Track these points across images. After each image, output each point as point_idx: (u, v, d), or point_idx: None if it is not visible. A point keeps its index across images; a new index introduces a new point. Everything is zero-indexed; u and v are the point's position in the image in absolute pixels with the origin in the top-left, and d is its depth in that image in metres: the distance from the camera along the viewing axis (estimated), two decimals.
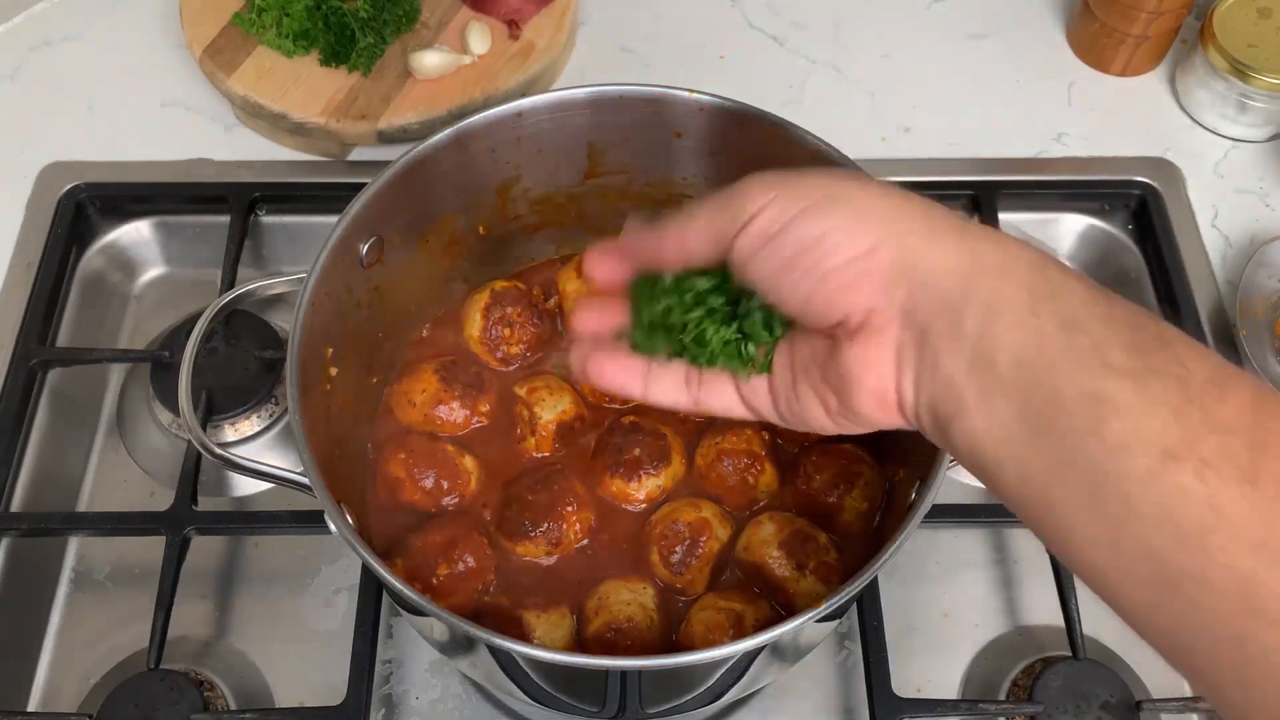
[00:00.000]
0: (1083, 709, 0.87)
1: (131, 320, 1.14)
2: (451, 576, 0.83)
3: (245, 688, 0.92)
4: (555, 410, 0.91)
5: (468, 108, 1.13)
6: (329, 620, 0.96)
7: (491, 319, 0.96)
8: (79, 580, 0.98)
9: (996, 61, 1.28)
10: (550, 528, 0.86)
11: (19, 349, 1.02)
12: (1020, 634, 0.97)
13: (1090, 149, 1.20)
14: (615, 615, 0.82)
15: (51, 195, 1.12)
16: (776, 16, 1.31)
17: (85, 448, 1.05)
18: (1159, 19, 1.18)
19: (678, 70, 1.25)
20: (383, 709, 0.92)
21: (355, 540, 0.72)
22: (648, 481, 0.89)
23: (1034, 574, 0.98)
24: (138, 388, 1.07)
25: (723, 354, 0.62)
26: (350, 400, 0.88)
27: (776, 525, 0.85)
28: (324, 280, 0.82)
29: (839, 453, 0.89)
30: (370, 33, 1.16)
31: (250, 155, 1.16)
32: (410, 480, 0.88)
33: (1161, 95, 1.26)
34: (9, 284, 1.07)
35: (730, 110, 0.88)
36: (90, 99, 1.21)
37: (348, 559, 0.98)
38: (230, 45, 1.17)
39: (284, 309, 1.10)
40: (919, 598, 0.98)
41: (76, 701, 0.92)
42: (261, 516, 0.98)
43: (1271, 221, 1.16)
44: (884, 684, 0.86)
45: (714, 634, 0.80)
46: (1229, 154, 1.21)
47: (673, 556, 0.85)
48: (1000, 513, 0.98)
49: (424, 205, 0.91)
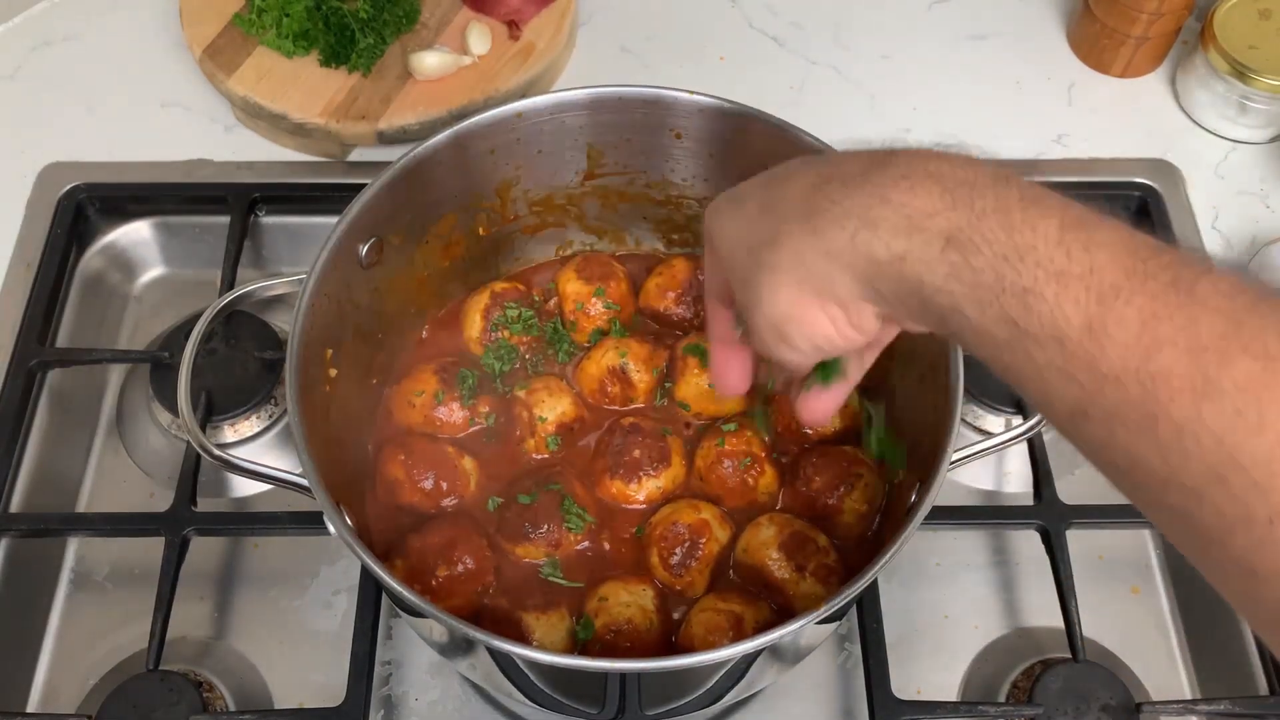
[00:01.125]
0: (1082, 711, 0.86)
1: (131, 321, 1.14)
2: (451, 578, 0.83)
3: (244, 689, 0.92)
4: (555, 412, 0.91)
5: (468, 108, 1.13)
6: (328, 621, 0.96)
7: (491, 320, 0.96)
8: (79, 581, 0.98)
9: (996, 62, 1.28)
10: (550, 529, 0.86)
11: (19, 349, 1.02)
12: (1020, 636, 0.97)
13: (1090, 150, 1.20)
14: (615, 617, 0.82)
15: (51, 195, 1.12)
16: (776, 17, 1.31)
17: (85, 448, 1.05)
18: (1159, 20, 1.18)
19: (678, 71, 1.25)
20: (382, 710, 0.92)
21: (354, 542, 0.72)
22: (647, 483, 0.89)
23: (1034, 576, 0.98)
24: (137, 388, 1.07)
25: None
26: (350, 401, 0.88)
27: (776, 527, 0.85)
28: (324, 281, 0.82)
29: (839, 454, 0.89)
30: (370, 33, 1.16)
31: (250, 155, 1.16)
32: (410, 481, 0.88)
33: (1162, 96, 1.25)
34: (9, 284, 1.07)
35: (730, 111, 0.88)
36: (90, 99, 1.21)
37: (347, 560, 0.98)
38: (230, 45, 1.17)
39: (284, 309, 1.10)
40: (919, 599, 0.97)
41: (76, 702, 0.92)
42: (261, 517, 0.98)
43: (1272, 223, 1.16)
44: (884, 685, 0.86)
45: (713, 636, 0.80)
46: (1229, 155, 1.21)
47: (672, 558, 0.85)
48: (1000, 514, 0.98)
49: (424, 205, 0.91)
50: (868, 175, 0.53)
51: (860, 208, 0.52)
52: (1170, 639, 0.97)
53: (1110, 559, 1.00)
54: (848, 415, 0.92)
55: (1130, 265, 0.47)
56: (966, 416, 1.03)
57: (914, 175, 0.52)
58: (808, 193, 0.55)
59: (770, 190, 0.58)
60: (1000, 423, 1.02)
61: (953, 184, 0.51)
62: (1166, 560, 1.00)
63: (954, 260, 0.50)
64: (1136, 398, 0.45)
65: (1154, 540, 1.01)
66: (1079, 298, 0.47)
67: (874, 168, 0.53)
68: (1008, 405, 1.02)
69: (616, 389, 0.94)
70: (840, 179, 0.54)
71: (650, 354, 0.94)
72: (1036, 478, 0.96)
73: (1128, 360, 0.45)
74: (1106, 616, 0.96)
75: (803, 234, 0.55)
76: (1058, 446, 1.00)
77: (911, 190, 0.51)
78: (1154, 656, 0.96)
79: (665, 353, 0.95)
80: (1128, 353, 0.45)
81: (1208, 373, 0.43)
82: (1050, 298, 0.47)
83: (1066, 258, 0.47)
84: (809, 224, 0.54)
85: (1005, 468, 1.03)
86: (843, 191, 0.53)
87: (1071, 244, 0.48)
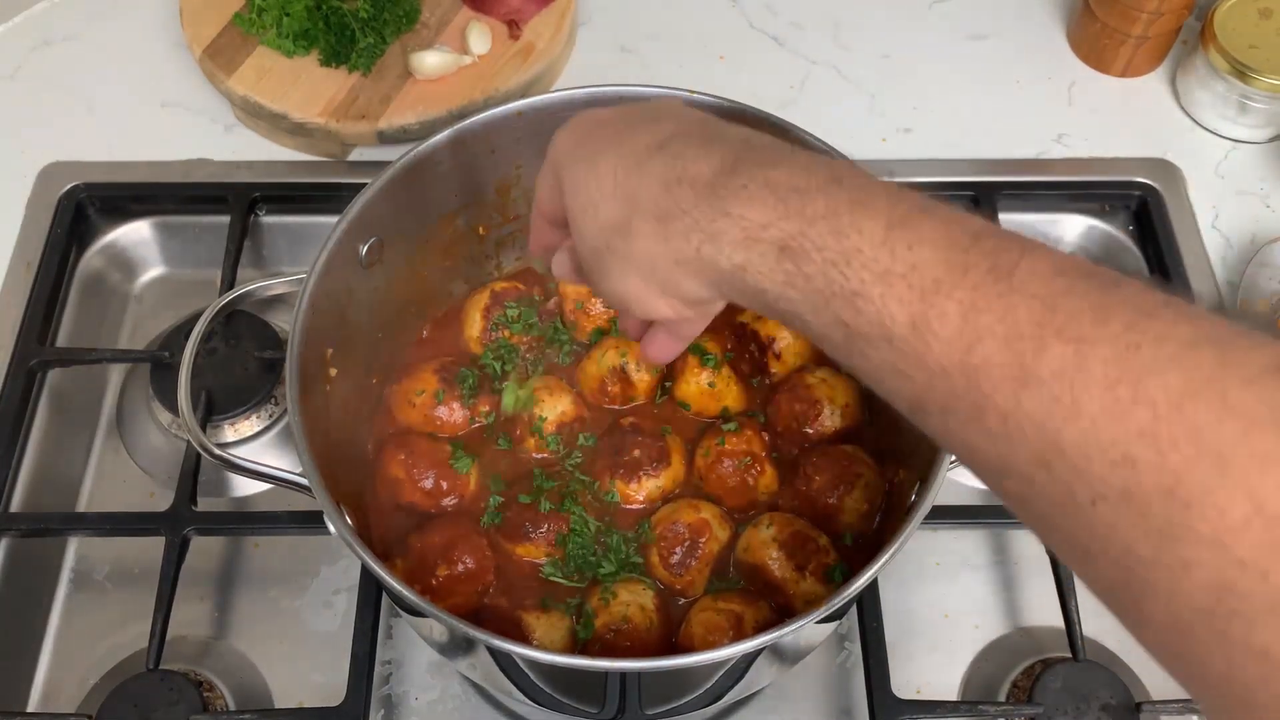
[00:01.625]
0: (1082, 710, 0.86)
1: (131, 320, 1.14)
2: (451, 577, 0.83)
3: (244, 688, 0.92)
4: (555, 411, 0.91)
5: (468, 108, 1.13)
6: (328, 621, 0.96)
7: (492, 319, 0.96)
8: (79, 580, 0.98)
9: (996, 62, 1.28)
10: (550, 529, 0.86)
11: (19, 349, 1.02)
12: (1020, 635, 0.96)
13: (1091, 150, 1.20)
14: (614, 616, 0.82)
15: (51, 195, 1.12)
16: (776, 16, 1.31)
17: (85, 448, 1.05)
18: (1160, 20, 1.18)
19: (678, 70, 1.25)
20: (382, 710, 0.92)
21: (354, 541, 0.72)
22: (648, 482, 0.89)
23: (1034, 575, 0.98)
24: (138, 388, 1.07)
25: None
26: (350, 401, 0.88)
27: (777, 526, 0.85)
28: (324, 280, 0.82)
29: (839, 454, 0.89)
30: (370, 33, 1.16)
31: (250, 155, 1.16)
32: (410, 481, 0.88)
33: (1162, 96, 1.25)
34: (9, 284, 1.07)
35: (730, 110, 0.88)
36: (90, 99, 1.21)
37: (347, 560, 0.98)
38: (230, 45, 1.17)
39: (284, 309, 1.10)
40: (919, 599, 0.97)
41: (76, 702, 0.92)
42: (261, 517, 0.98)
43: (1272, 222, 1.16)
44: (884, 685, 0.86)
45: (713, 635, 0.80)
46: (1230, 155, 1.21)
47: (672, 558, 0.85)
48: (1001, 514, 0.98)
49: (424, 205, 0.91)
50: (714, 186, 0.54)
51: (705, 219, 0.54)
52: None
53: None
54: (848, 415, 0.92)
55: (950, 258, 0.47)
56: None
57: (753, 185, 0.53)
58: (662, 191, 0.55)
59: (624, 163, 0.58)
60: None
61: (785, 192, 0.52)
62: None
63: (788, 269, 0.51)
64: (963, 390, 0.46)
65: None
66: (903, 296, 0.47)
67: (721, 175, 0.54)
68: None
69: (617, 388, 0.94)
70: (691, 182, 0.54)
71: None
72: None
73: (951, 354, 0.46)
74: (1107, 616, 0.94)
75: (654, 237, 0.56)
76: None
77: (750, 201, 0.52)
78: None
79: None
80: (950, 347, 0.46)
81: (1024, 361, 0.44)
82: (876, 299, 0.48)
83: (890, 257, 0.48)
84: (661, 228, 0.55)
85: None
86: (692, 199, 0.54)
87: (896, 243, 0.48)
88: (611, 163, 0.59)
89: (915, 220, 0.49)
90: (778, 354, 0.94)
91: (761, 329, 0.95)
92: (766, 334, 0.95)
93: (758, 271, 0.52)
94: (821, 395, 0.91)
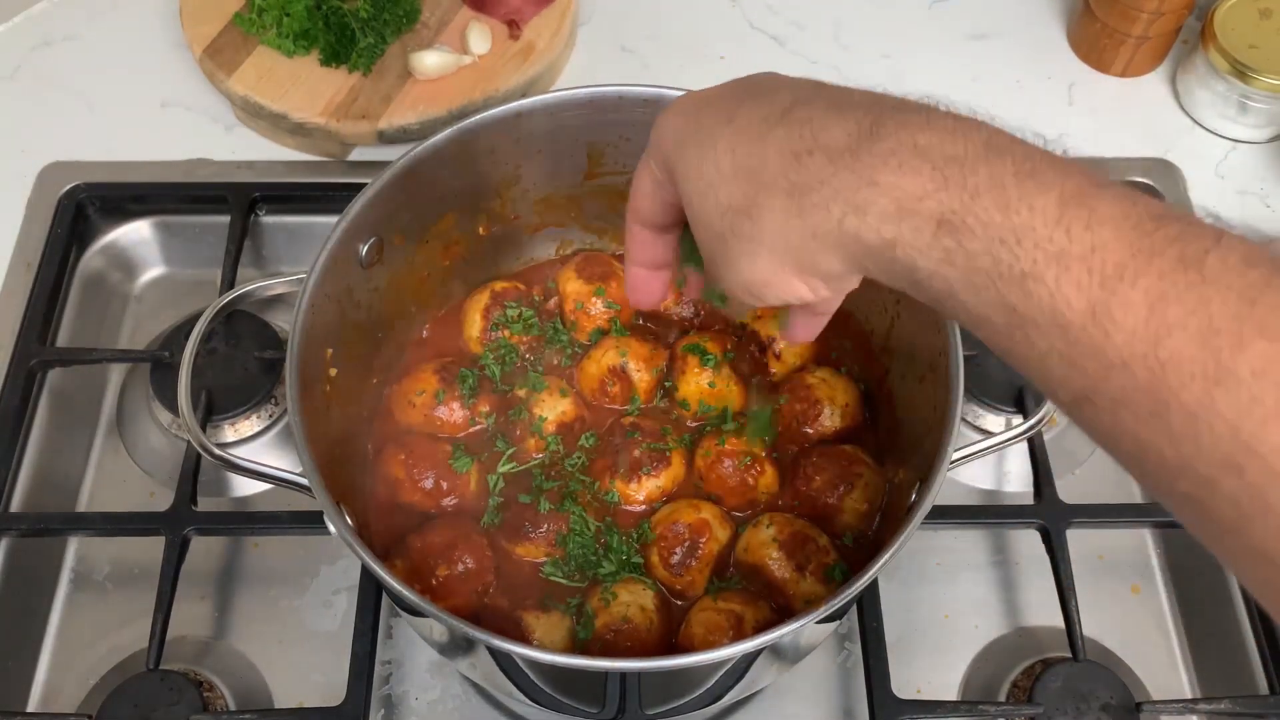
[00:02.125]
0: (1082, 710, 0.86)
1: (131, 320, 1.14)
2: (451, 577, 0.83)
3: (245, 688, 0.92)
4: (555, 411, 0.91)
5: (468, 108, 1.13)
6: (328, 621, 0.96)
7: (491, 319, 0.96)
8: (79, 580, 0.98)
9: (996, 61, 1.28)
10: (550, 529, 0.86)
11: (19, 349, 1.02)
12: (1020, 635, 0.96)
13: (1091, 150, 1.20)
14: (614, 616, 0.82)
15: (51, 195, 1.12)
16: (776, 16, 1.31)
17: (85, 448, 1.05)
18: (1160, 19, 1.18)
19: (678, 70, 1.25)
20: (382, 710, 0.92)
21: (354, 541, 0.72)
22: (648, 482, 0.89)
23: (1034, 575, 0.98)
24: (138, 388, 1.07)
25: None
26: (350, 401, 0.88)
27: (777, 526, 0.85)
28: (324, 280, 0.82)
29: (839, 454, 0.89)
30: (370, 33, 1.16)
31: (250, 155, 1.16)
32: (410, 481, 0.88)
33: (1162, 96, 1.25)
34: (9, 284, 1.07)
35: None
36: (90, 99, 1.21)
37: (347, 560, 0.98)
38: (230, 45, 1.17)
39: (284, 309, 1.10)
40: (919, 599, 0.97)
41: (76, 702, 0.92)
42: (261, 517, 0.98)
43: (1272, 223, 1.16)
44: (884, 685, 0.86)
45: (713, 635, 0.80)
46: (1230, 155, 1.21)
47: (672, 558, 0.85)
48: (1000, 514, 0.98)
49: (424, 205, 0.91)
50: (855, 152, 0.50)
51: (848, 189, 0.50)
52: (1170, 638, 0.97)
53: (1110, 558, 1.00)
54: (848, 415, 0.92)
55: (1135, 241, 0.44)
56: (966, 416, 1.03)
57: (902, 152, 0.49)
58: (789, 162, 0.52)
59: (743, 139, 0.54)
60: (1000, 422, 1.02)
61: (942, 161, 0.48)
62: (1167, 559, 1.00)
63: (947, 245, 0.48)
64: (1145, 384, 0.43)
65: (1154, 540, 1.01)
66: (1081, 281, 0.44)
67: (862, 140, 0.50)
68: (1008, 404, 1.02)
69: (617, 388, 0.94)
70: (825, 151, 0.51)
71: (650, 353, 0.94)
72: (1037, 477, 0.96)
73: (1135, 346, 0.43)
74: (1107, 616, 0.96)
75: (786, 212, 0.52)
76: (1058, 446, 1.00)
77: (900, 169, 0.48)
78: (1154, 656, 0.96)
79: (665, 352, 0.95)
80: (1135, 338, 0.43)
81: (1221, 358, 0.41)
82: (1051, 282, 0.45)
83: (1067, 237, 0.45)
84: (793, 202, 0.51)
85: (1005, 467, 1.03)
86: (829, 169, 0.50)
87: (1072, 221, 0.45)
88: (729, 141, 0.54)
89: (1091, 196, 0.46)
90: (778, 354, 0.95)
91: (761, 329, 0.95)
92: (766, 334, 0.95)
93: (911, 247, 0.49)
94: (821, 395, 0.91)
